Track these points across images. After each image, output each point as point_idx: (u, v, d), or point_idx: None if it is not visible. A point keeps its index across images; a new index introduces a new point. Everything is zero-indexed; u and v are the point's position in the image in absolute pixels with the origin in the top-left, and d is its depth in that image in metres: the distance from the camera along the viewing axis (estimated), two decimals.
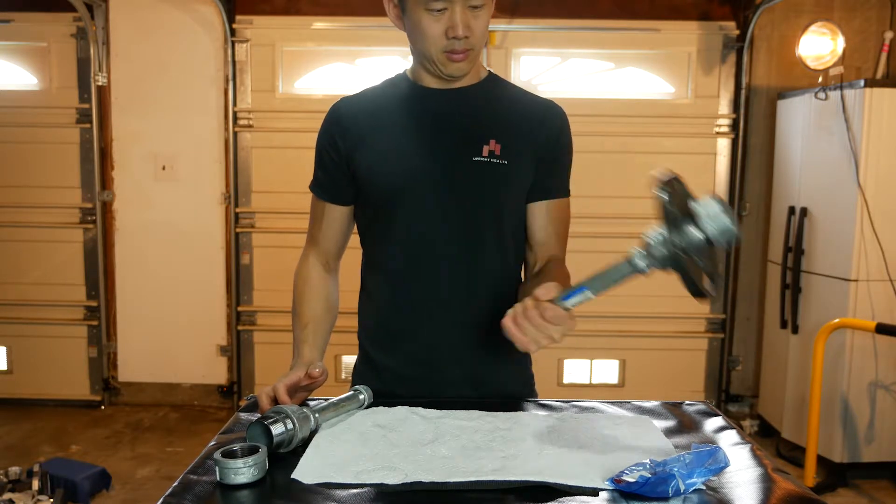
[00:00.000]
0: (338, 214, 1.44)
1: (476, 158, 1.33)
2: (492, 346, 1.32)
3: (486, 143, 1.34)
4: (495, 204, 1.36)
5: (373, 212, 1.40)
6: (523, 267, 1.46)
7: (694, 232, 0.99)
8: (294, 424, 1.07)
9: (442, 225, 1.35)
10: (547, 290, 1.05)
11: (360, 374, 1.47)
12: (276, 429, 1.06)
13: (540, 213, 1.41)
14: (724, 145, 3.98)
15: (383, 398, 1.30)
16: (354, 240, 1.49)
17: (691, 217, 1.00)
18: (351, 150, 1.37)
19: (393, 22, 1.35)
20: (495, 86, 1.42)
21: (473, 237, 1.36)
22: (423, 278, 1.37)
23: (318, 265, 1.46)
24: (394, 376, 1.40)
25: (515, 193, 1.38)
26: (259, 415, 1.13)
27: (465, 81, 1.38)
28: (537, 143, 1.37)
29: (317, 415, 1.13)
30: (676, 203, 1.03)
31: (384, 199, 1.36)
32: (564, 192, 1.43)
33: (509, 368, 1.43)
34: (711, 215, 1.00)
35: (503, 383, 1.42)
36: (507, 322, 1.06)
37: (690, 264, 1.01)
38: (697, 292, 1.02)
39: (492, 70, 1.47)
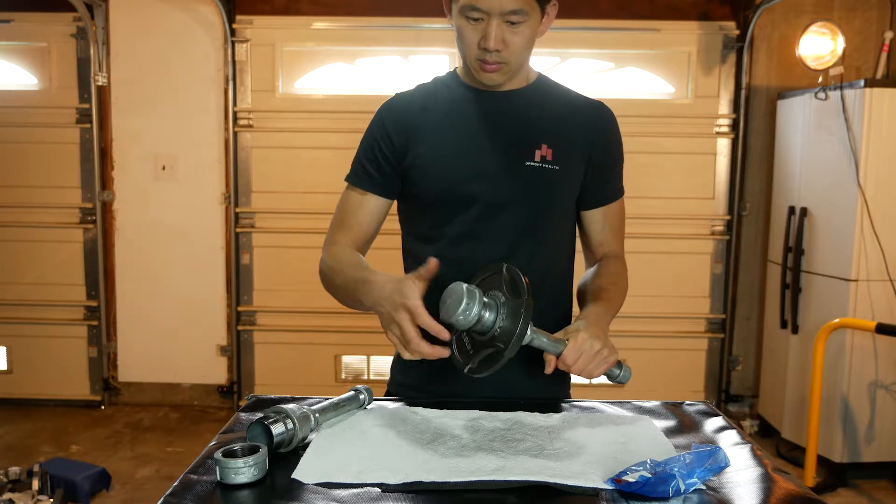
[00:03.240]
0: (376, 206, 1.41)
1: (528, 163, 1.35)
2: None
3: (538, 147, 1.35)
4: (547, 207, 1.38)
5: (423, 210, 1.40)
6: (582, 260, 1.50)
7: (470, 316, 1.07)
8: (294, 424, 1.07)
9: (492, 228, 1.36)
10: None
11: (401, 368, 1.46)
12: (277, 429, 1.06)
13: (597, 219, 1.45)
14: (724, 145, 3.98)
15: (415, 397, 1.31)
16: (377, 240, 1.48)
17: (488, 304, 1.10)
18: (406, 146, 1.37)
19: (446, 15, 1.35)
20: (544, 88, 1.43)
21: (524, 240, 1.37)
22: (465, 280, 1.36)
23: (350, 248, 1.40)
24: (434, 371, 1.36)
25: (566, 197, 1.41)
26: (260, 415, 1.13)
27: (515, 84, 1.39)
28: (587, 148, 1.39)
29: (317, 415, 1.13)
30: (485, 286, 1.14)
31: (437, 198, 1.37)
32: (619, 194, 1.47)
33: (540, 369, 1.38)
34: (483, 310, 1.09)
35: (547, 383, 1.36)
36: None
37: (460, 341, 1.14)
38: (460, 364, 1.14)
39: (542, 73, 1.47)
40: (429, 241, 1.40)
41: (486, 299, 1.10)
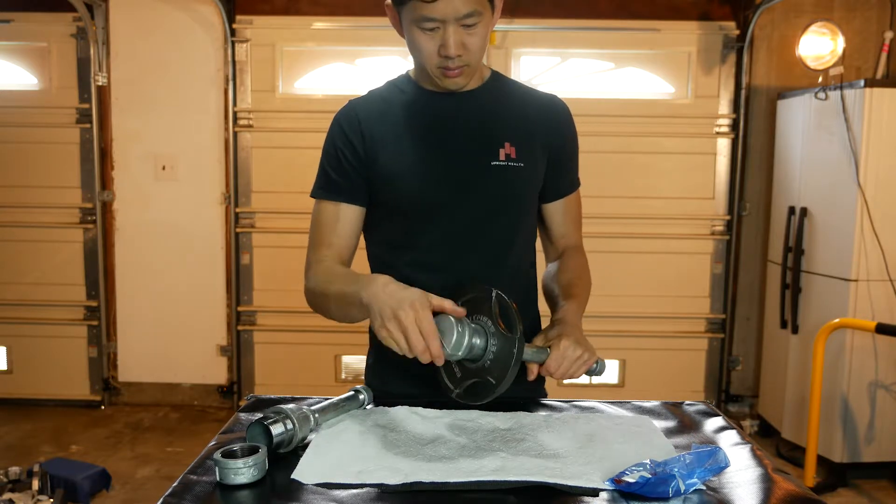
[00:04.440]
0: (353, 216, 1.38)
1: (495, 163, 1.35)
2: None
3: (502, 146, 1.35)
4: (516, 205, 1.39)
5: (391, 215, 1.38)
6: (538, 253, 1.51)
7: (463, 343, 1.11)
8: (294, 424, 1.07)
9: (463, 229, 1.36)
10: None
11: (375, 373, 1.48)
12: (276, 429, 1.06)
13: (558, 212, 1.48)
14: (724, 145, 3.98)
15: (393, 398, 1.30)
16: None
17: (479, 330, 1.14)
18: (370, 154, 1.35)
19: (393, 26, 1.34)
20: (500, 85, 1.43)
21: (496, 240, 1.38)
22: (441, 280, 1.35)
23: (338, 264, 1.37)
24: (409, 375, 1.38)
25: (533, 193, 1.42)
26: (259, 415, 1.13)
27: (470, 84, 1.37)
28: (547, 142, 1.41)
29: (317, 415, 1.13)
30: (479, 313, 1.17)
31: (407, 205, 1.36)
32: (576, 185, 1.50)
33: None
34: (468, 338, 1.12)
35: (516, 383, 1.38)
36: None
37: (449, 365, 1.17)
38: (448, 388, 1.18)
39: (493, 68, 1.47)
40: (401, 248, 1.39)
41: (474, 325, 1.13)
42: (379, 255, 1.45)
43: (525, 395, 1.39)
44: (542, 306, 1.49)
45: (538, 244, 1.52)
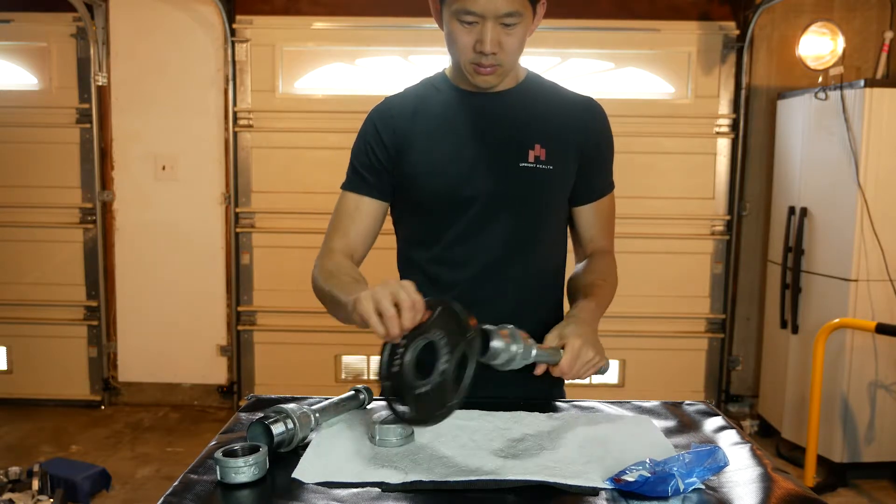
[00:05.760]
0: (373, 209, 1.40)
1: (523, 164, 1.35)
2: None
3: (531, 148, 1.35)
4: (542, 208, 1.39)
5: (419, 213, 1.40)
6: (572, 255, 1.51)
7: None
8: (295, 424, 1.07)
9: (488, 230, 1.36)
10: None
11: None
12: (277, 428, 1.06)
13: (588, 214, 1.46)
14: (724, 145, 3.98)
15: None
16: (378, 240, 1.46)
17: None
18: (399, 151, 1.37)
19: (434, 17, 1.35)
20: (535, 87, 1.42)
21: (522, 241, 1.38)
22: (465, 280, 1.37)
23: (345, 258, 1.38)
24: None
25: (560, 196, 1.42)
26: (260, 414, 1.13)
27: (505, 85, 1.38)
28: (580, 145, 1.40)
29: (317, 414, 1.14)
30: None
31: (432, 203, 1.37)
32: (609, 189, 1.48)
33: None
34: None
35: (532, 383, 1.34)
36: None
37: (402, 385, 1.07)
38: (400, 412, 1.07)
39: (530, 70, 1.46)
40: (426, 246, 1.40)
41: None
42: (403, 250, 1.46)
43: (545, 394, 1.39)
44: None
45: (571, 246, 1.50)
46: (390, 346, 1.08)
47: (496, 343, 1.10)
